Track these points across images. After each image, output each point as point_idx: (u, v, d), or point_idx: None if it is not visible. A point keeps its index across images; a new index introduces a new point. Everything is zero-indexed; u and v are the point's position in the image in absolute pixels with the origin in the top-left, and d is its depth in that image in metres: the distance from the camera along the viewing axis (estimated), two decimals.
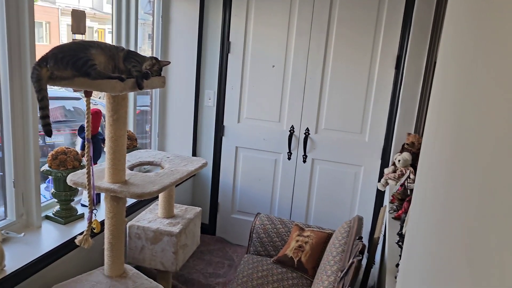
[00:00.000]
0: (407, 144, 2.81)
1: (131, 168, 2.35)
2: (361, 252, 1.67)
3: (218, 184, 3.63)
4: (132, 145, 2.87)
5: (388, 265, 1.68)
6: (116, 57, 1.79)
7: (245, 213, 3.62)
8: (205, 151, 3.58)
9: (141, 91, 1.84)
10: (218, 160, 3.57)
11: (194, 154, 3.58)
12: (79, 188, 2.62)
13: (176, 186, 3.02)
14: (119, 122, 1.93)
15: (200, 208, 2.80)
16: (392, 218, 2.16)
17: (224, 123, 3.49)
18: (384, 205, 2.81)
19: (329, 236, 2.57)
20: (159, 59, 2.16)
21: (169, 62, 2.09)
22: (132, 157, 2.51)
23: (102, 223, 2.20)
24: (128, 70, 1.80)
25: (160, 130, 3.54)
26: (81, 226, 2.36)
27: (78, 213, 2.46)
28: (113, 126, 1.93)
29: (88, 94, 1.79)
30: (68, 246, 2.20)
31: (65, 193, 2.35)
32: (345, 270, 1.62)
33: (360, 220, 2.33)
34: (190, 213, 2.71)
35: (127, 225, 2.49)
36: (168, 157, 2.57)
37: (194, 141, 3.55)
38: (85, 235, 1.96)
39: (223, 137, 3.52)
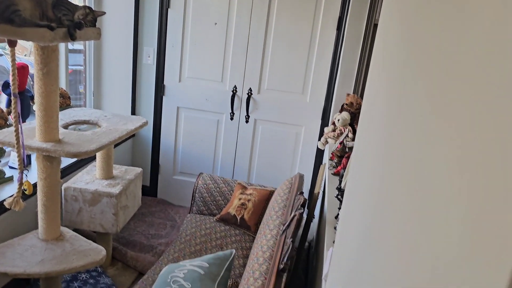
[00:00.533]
0: (346, 104, 2.89)
1: (65, 127, 2.22)
2: (303, 206, 1.73)
3: (159, 145, 3.55)
4: (65, 103, 2.70)
5: (328, 217, 1.75)
6: (44, 3, 1.63)
7: (187, 174, 3.59)
8: (144, 111, 3.46)
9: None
10: (158, 121, 3.47)
11: (133, 114, 3.45)
12: (6, 149, 2.44)
13: (115, 146, 2.91)
14: (50, 76, 1.79)
15: (140, 169, 2.72)
16: (332, 174, 2.23)
17: (165, 82, 3.38)
18: (323, 163, 2.90)
19: (271, 193, 2.63)
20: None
21: (104, 13, 1.95)
22: (65, 116, 2.36)
23: (34, 185, 2.07)
24: (58, 18, 1.65)
25: (96, 89, 3.35)
26: (11, 189, 2.22)
27: (6, 176, 2.30)
28: (43, 81, 1.79)
29: (12, 44, 1.63)
30: None
31: None
32: (287, 223, 1.67)
33: (301, 177, 2.39)
34: (130, 174, 2.63)
35: (62, 187, 2.37)
36: (105, 116, 2.45)
37: (133, 101, 3.41)
38: (15, 197, 1.84)
39: (163, 97, 3.41)
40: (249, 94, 3.28)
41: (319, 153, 3.29)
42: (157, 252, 2.87)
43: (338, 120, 2.82)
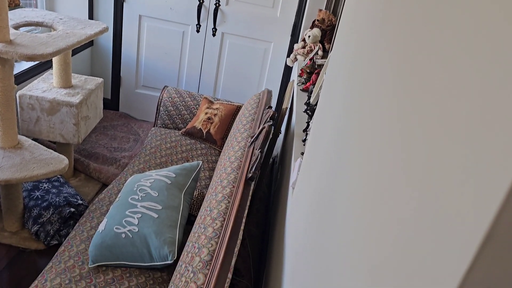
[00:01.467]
0: (318, 20, 2.80)
1: (16, 28, 2.03)
2: (272, 118, 1.72)
3: (120, 57, 3.37)
4: (14, 3, 2.45)
5: (296, 131, 1.76)
6: None
7: (150, 88, 3.47)
8: (103, 18, 3.22)
9: None
10: (119, 29, 3.26)
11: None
12: None
13: (72, 55, 2.73)
14: None
15: (101, 79, 2.59)
16: (301, 90, 2.22)
17: None
18: (291, 80, 2.87)
19: (238, 108, 2.60)
20: None
21: None
22: (15, 16, 2.15)
23: None
24: None
25: None
26: None
27: None
28: None
29: None
30: None
31: None
32: (255, 135, 1.67)
33: (269, 92, 2.36)
34: (90, 83, 2.50)
35: (17, 95, 2.24)
36: (61, 19, 2.26)
37: (90, 5, 3.14)
38: None
39: (124, 3, 3.17)
40: (217, 5, 3.10)
41: (287, 70, 3.24)
42: (121, 164, 2.85)
43: (309, 36, 2.74)
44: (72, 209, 2.16)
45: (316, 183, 0.94)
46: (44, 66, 2.71)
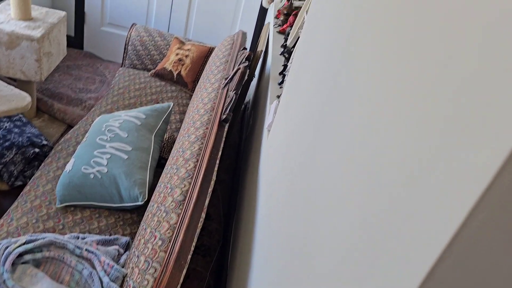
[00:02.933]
0: None
1: None
2: (248, 59, 1.66)
3: None
4: None
5: (272, 74, 1.72)
6: None
7: (117, 26, 3.28)
8: None
9: None
10: None
11: None
12: None
13: None
14: None
15: (64, 12, 2.42)
16: (277, 32, 2.15)
17: None
18: (267, 22, 2.78)
19: (210, 50, 2.51)
20: None
21: None
22: None
23: None
24: None
25: None
26: None
27: None
28: None
29: None
30: None
31: None
32: (230, 76, 1.61)
33: (244, 34, 2.28)
34: (52, 17, 2.33)
35: None
36: None
37: None
38: None
39: None
40: None
41: (262, 12, 3.12)
42: (87, 106, 2.74)
43: None
44: (37, 150, 2.08)
45: (294, 124, 0.92)
46: None
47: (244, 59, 1.63)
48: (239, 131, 2.78)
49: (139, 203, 1.51)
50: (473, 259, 0.27)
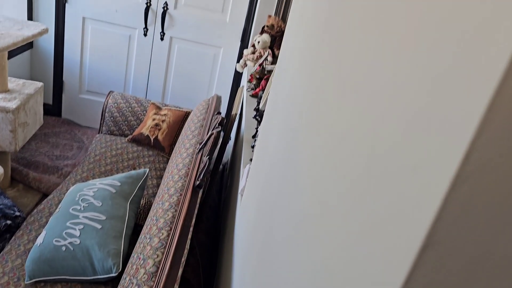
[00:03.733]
0: (267, 26, 2.82)
1: None
2: (220, 124, 1.70)
3: (63, 60, 3.22)
4: None
5: (245, 137, 1.75)
6: None
7: (95, 93, 3.34)
8: (43, 20, 3.07)
9: None
10: (61, 31, 3.11)
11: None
12: None
13: (9, 57, 2.58)
14: None
15: (41, 83, 2.46)
16: (250, 95, 2.21)
17: None
18: (241, 86, 2.87)
19: (187, 114, 2.56)
20: None
21: None
22: None
23: None
24: None
25: None
26: None
27: None
28: None
29: None
30: None
31: None
32: (204, 142, 1.64)
33: (218, 98, 2.34)
34: (29, 88, 2.37)
35: None
36: None
37: (29, 7, 2.98)
38: None
39: (66, 4, 3.03)
40: (165, 8, 3.04)
41: (237, 76, 3.24)
42: (63, 173, 2.71)
43: (258, 42, 2.75)
44: (9, 222, 2.02)
45: (262, 188, 0.93)
46: None
47: (217, 124, 1.67)
48: (218, 192, 2.77)
49: (113, 274, 1.46)
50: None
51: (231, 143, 2.74)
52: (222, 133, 2.61)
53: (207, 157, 1.51)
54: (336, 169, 0.47)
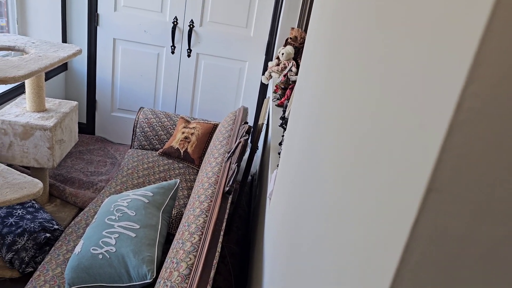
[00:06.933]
0: (291, 38, 2.86)
1: None
2: (248, 133, 1.73)
3: (95, 80, 3.36)
4: None
5: (272, 144, 1.78)
6: None
7: (126, 111, 3.46)
8: (77, 43, 3.22)
9: None
10: (93, 53, 3.26)
11: None
12: None
13: (46, 80, 2.72)
14: None
15: (76, 102, 2.57)
16: (276, 105, 2.25)
17: (99, 11, 3.13)
18: (267, 97, 2.91)
19: (214, 126, 2.61)
20: None
21: None
22: None
23: None
24: None
25: (20, 15, 3.04)
26: None
27: None
28: None
29: None
30: None
31: None
32: (232, 150, 1.68)
33: (245, 109, 2.39)
34: (65, 107, 2.48)
35: None
36: (33, 43, 2.25)
37: (64, 30, 3.14)
38: None
39: (98, 27, 3.18)
40: (191, 26, 3.14)
41: (263, 88, 3.29)
42: (98, 188, 2.81)
43: (282, 54, 2.80)
44: (48, 235, 2.11)
45: (288, 191, 0.96)
46: (17, 91, 2.68)
47: (244, 133, 1.71)
48: (248, 202, 2.79)
49: (148, 281, 1.51)
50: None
51: (259, 153, 2.77)
52: (249, 143, 2.65)
53: (236, 164, 1.55)
54: (342, 168, 0.49)
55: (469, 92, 0.24)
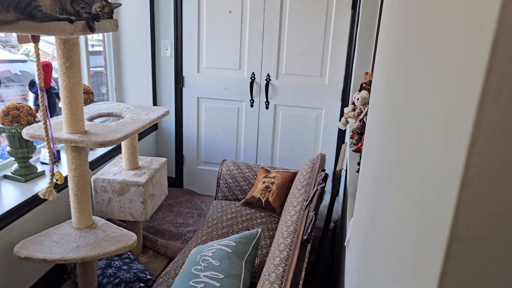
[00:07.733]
0: (365, 83, 2.87)
1: (90, 120, 2.30)
2: (324, 180, 1.74)
3: (182, 136, 3.62)
4: (89, 99, 2.78)
5: (350, 191, 1.76)
6: None
7: (211, 164, 3.65)
8: (165, 103, 3.53)
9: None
10: (180, 112, 3.54)
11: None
12: (37, 146, 2.55)
13: (139, 139, 2.99)
14: (73, 69, 1.86)
15: (165, 159, 2.79)
16: (353, 151, 2.24)
17: (184, 74, 3.43)
18: (345, 142, 2.90)
19: (294, 175, 2.65)
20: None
21: (120, 4, 2.00)
22: (90, 110, 2.44)
23: (65, 178, 2.16)
24: (76, 12, 1.72)
25: (117, 85, 3.44)
26: (43, 183, 2.31)
27: (38, 171, 2.40)
28: (67, 74, 1.86)
29: (35, 40, 1.70)
30: (32, 202, 2.16)
31: (22, 150, 2.27)
32: (309, 198, 1.69)
33: (322, 157, 2.41)
34: (155, 163, 2.70)
35: (92, 179, 2.46)
36: (128, 108, 2.52)
37: (154, 94, 3.48)
38: (48, 187, 1.92)
39: (183, 88, 3.47)
40: (268, 80, 3.30)
41: (341, 134, 3.29)
42: (186, 239, 2.94)
43: (358, 99, 2.80)
44: (142, 284, 2.25)
45: (363, 237, 0.95)
46: (115, 151, 2.98)
47: (321, 181, 1.72)
48: (331, 250, 2.73)
49: None
50: None
51: (339, 199, 2.73)
52: (330, 189, 2.63)
53: (313, 212, 1.56)
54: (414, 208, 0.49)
55: None
